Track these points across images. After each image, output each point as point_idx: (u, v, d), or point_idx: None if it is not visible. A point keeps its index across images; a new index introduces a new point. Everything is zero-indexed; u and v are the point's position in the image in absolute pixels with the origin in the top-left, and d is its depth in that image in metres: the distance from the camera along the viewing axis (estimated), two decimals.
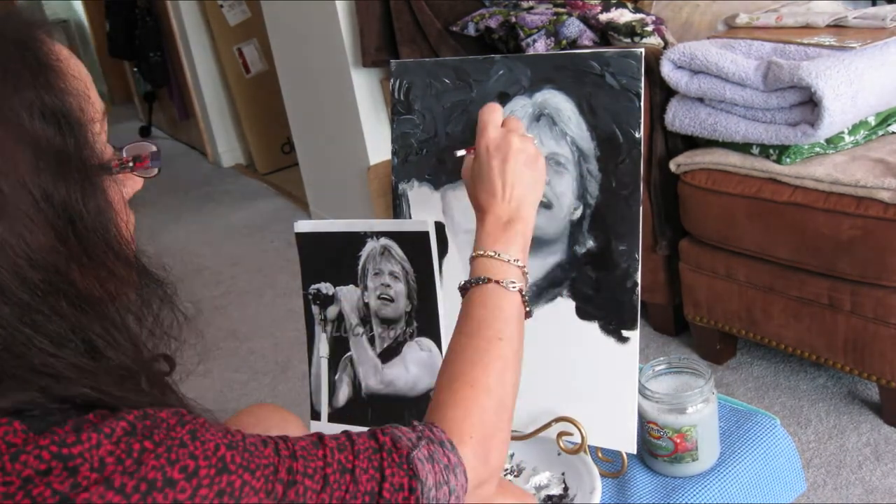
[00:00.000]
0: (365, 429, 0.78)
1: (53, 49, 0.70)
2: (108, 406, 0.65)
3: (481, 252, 0.94)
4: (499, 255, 0.93)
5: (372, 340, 1.24)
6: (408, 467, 0.73)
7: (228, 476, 0.65)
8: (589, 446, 1.14)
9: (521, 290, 0.92)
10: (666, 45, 2.10)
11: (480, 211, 0.98)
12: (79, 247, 0.68)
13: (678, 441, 1.14)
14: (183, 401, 0.76)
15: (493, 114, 1.00)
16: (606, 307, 1.13)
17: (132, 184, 0.79)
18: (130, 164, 0.76)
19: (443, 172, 1.23)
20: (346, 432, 0.76)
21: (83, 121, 0.69)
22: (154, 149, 0.78)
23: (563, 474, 1.18)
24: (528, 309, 0.93)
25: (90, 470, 0.60)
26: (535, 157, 0.98)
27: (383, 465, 0.73)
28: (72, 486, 0.59)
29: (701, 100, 1.88)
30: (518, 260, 0.93)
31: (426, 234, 1.16)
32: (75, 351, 0.66)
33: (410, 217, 1.26)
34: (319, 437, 0.74)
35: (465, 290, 0.94)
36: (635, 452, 1.15)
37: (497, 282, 0.91)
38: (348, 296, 1.24)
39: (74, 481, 0.59)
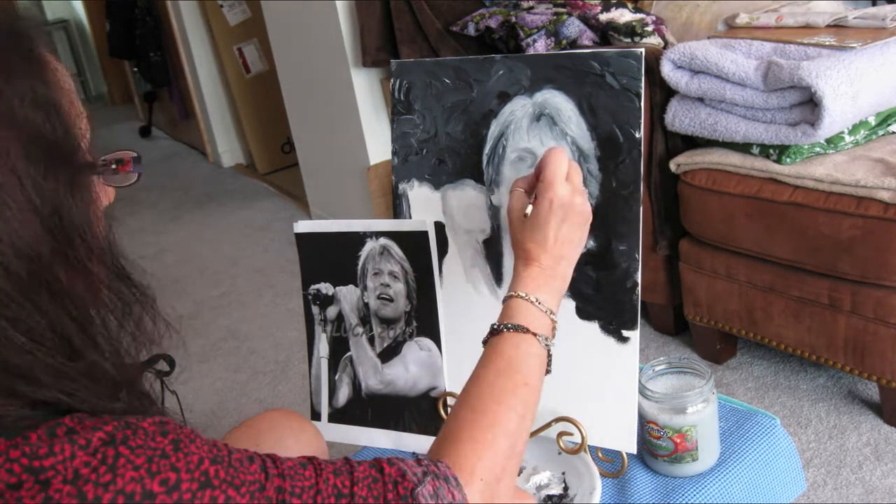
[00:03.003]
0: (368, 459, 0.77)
1: (43, 50, 0.70)
2: (83, 411, 0.62)
3: (522, 295, 0.94)
4: (539, 302, 0.93)
5: (372, 340, 1.24)
6: (412, 502, 0.71)
7: (212, 491, 0.62)
8: (589, 446, 1.14)
9: (548, 348, 0.92)
10: (666, 45, 2.10)
11: (526, 257, 0.97)
12: (65, 241, 0.66)
13: (678, 441, 1.13)
14: (166, 413, 0.73)
15: (561, 164, 0.98)
16: (606, 307, 1.13)
17: (105, 195, 0.77)
18: (113, 166, 0.75)
19: (443, 172, 1.23)
20: (345, 458, 0.74)
21: (72, 116, 0.69)
22: (135, 154, 0.77)
23: (563, 474, 1.18)
24: (549, 368, 0.93)
25: (63, 482, 0.57)
26: (587, 219, 0.99)
27: (387, 497, 0.71)
28: (44, 501, 0.57)
29: (701, 100, 1.88)
30: (554, 313, 0.94)
31: (425, 233, 1.16)
32: (52, 349, 0.64)
33: (410, 217, 1.26)
34: (310, 459, 0.72)
35: (497, 331, 0.92)
36: (635, 452, 1.15)
37: (534, 334, 0.91)
38: (348, 296, 1.24)
39: (46, 496, 0.57)
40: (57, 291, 0.65)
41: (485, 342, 0.93)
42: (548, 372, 0.93)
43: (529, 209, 0.98)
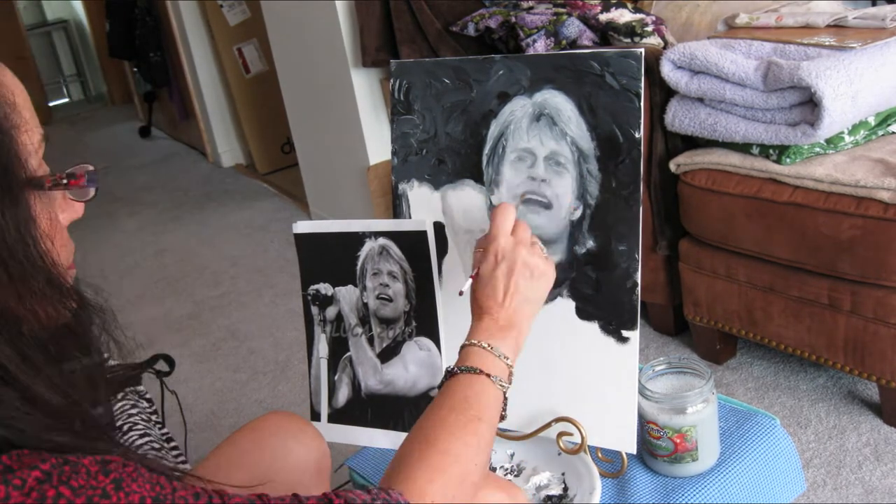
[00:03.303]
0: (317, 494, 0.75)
1: None
2: (24, 446, 0.59)
3: (475, 342, 0.96)
4: (492, 347, 0.95)
5: (371, 340, 1.24)
6: None
7: None
8: (589, 446, 1.14)
9: (504, 393, 0.93)
10: (666, 45, 2.10)
11: (479, 311, 1.00)
12: None
13: (678, 441, 1.13)
14: (118, 445, 0.69)
15: (505, 220, 1.02)
16: (606, 307, 1.13)
17: (71, 210, 0.75)
18: (65, 181, 0.72)
19: (443, 172, 1.23)
20: (295, 495, 0.72)
21: (6, 128, 0.66)
22: (91, 168, 0.74)
23: (563, 474, 1.18)
24: (504, 413, 0.94)
25: None
26: (541, 272, 1.00)
27: None
28: None
29: (701, 100, 1.88)
30: (508, 358, 0.95)
31: (424, 233, 1.16)
32: None
33: (410, 217, 1.26)
34: (259, 496, 0.70)
35: (451, 374, 0.94)
36: (635, 453, 1.15)
37: (487, 374, 0.92)
38: (347, 296, 1.24)
39: None
40: None
41: (439, 386, 0.94)
42: (503, 418, 0.94)
43: (468, 284, 1.02)
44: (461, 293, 1.02)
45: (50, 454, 0.58)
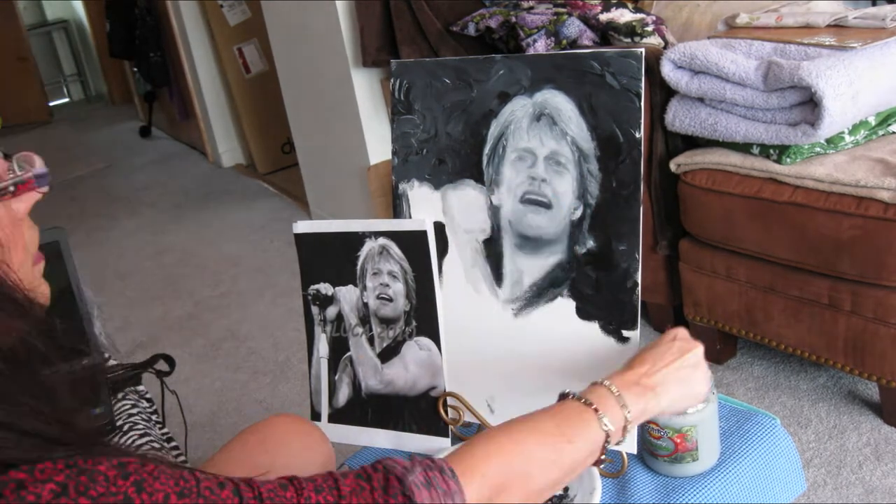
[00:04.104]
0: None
1: None
2: (21, 461, 0.56)
3: (606, 383, 0.92)
4: (619, 394, 0.90)
5: (371, 340, 1.24)
6: (402, 491, 0.69)
7: None
8: None
9: (608, 435, 0.87)
10: (666, 45, 2.10)
11: (629, 364, 0.97)
12: None
13: (678, 441, 1.13)
14: (116, 449, 0.66)
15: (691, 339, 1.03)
16: (606, 307, 1.13)
17: (28, 197, 0.72)
18: (11, 188, 0.69)
19: (443, 172, 1.23)
20: (330, 473, 0.71)
21: None
22: (42, 171, 0.71)
23: None
24: (602, 457, 0.89)
25: None
26: (694, 384, 0.99)
27: (375, 499, 0.68)
28: None
29: (701, 100, 1.88)
30: (630, 413, 0.90)
31: (424, 233, 1.16)
32: None
33: (411, 217, 1.26)
34: (290, 479, 0.69)
35: (564, 396, 0.91)
36: (635, 452, 1.14)
37: (596, 409, 0.87)
38: (347, 296, 1.24)
39: None
40: None
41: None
42: (599, 462, 0.89)
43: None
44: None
45: (63, 463, 0.56)
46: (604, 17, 2.14)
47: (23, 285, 0.67)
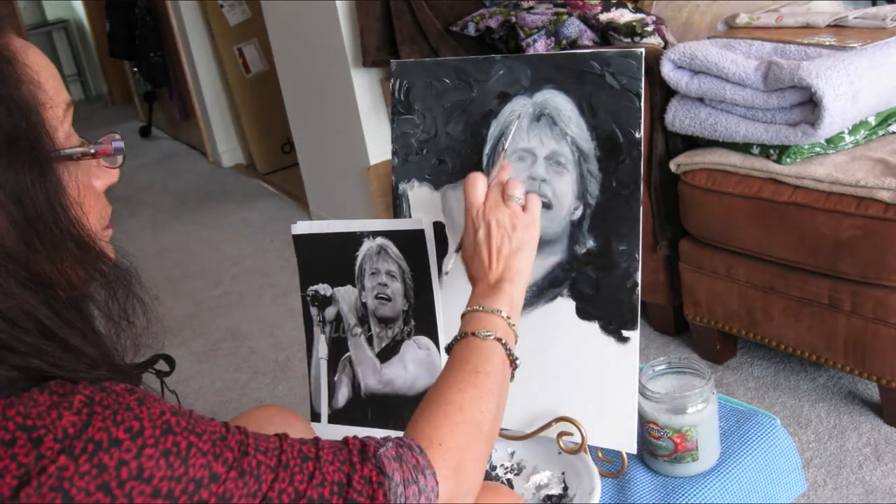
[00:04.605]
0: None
1: (4, 41, 0.72)
2: (66, 378, 0.67)
3: (468, 309, 0.99)
4: (483, 307, 0.98)
5: (370, 340, 1.23)
6: (375, 462, 0.76)
7: (174, 437, 0.67)
8: (589, 446, 1.14)
9: (499, 339, 0.95)
10: (666, 45, 2.10)
11: (473, 281, 1.04)
12: (29, 229, 0.69)
13: (678, 441, 1.13)
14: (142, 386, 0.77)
15: (474, 189, 1.05)
16: (607, 307, 1.13)
17: (106, 176, 0.81)
18: (92, 150, 0.77)
19: (443, 172, 1.23)
20: (316, 438, 0.79)
21: (33, 106, 0.71)
22: (118, 137, 0.81)
23: (563, 474, 1.17)
24: (511, 356, 0.96)
25: (53, 440, 0.63)
26: (520, 221, 1.03)
27: (352, 459, 0.75)
28: (36, 458, 0.62)
29: (701, 100, 1.88)
30: (502, 311, 0.98)
31: (421, 232, 1.16)
32: (26, 329, 0.68)
33: (411, 217, 1.26)
34: (279, 436, 0.76)
35: (449, 348, 0.97)
36: (635, 452, 1.14)
37: (473, 333, 0.95)
38: (346, 296, 1.24)
39: (39, 453, 0.62)
40: (25, 278, 0.69)
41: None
42: (513, 364, 0.96)
43: (457, 245, 1.07)
44: (446, 272, 1.05)
45: (90, 382, 0.67)
46: (604, 17, 2.14)
47: (96, 243, 0.76)
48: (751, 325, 1.93)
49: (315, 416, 1.28)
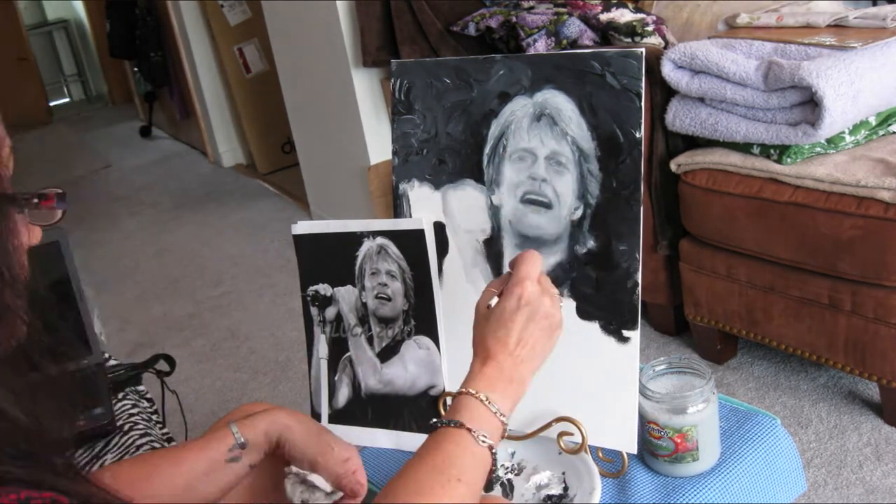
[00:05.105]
0: None
1: None
2: None
3: (472, 392, 0.89)
4: (489, 401, 0.89)
5: (370, 340, 1.23)
6: None
7: None
8: (589, 446, 1.14)
9: (491, 447, 0.87)
10: (666, 45, 2.10)
11: (484, 353, 0.93)
12: None
13: (679, 441, 1.13)
14: (73, 469, 0.65)
15: (534, 266, 0.96)
16: (607, 307, 1.13)
17: (31, 234, 0.72)
18: (35, 200, 0.71)
19: (443, 172, 1.23)
20: None
21: None
22: (60, 191, 0.73)
23: (563, 474, 1.17)
24: (494, 467, 0.88)
25: None
26: (556, 326, 0.96)
27: None
28: None
29: (701, 100, 1.88)
30: (504, 416, 0.89)
31: (422, 232, 1.16)
32: None
33: (411, 217, 1.26)
34: None
35: (435, 427, 0.88)
36: (636, 452, 1.14)
37: (469, 430, 0.86)
38: (346, 296, 1.24)
39: None
40: None
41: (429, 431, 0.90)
42: (493, 472, 0.88)
43: (495, 300, 0.96)
44: (489, 306, 0.96)
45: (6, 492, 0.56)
46: (604, 17, 2.14)
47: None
48: (751, 325, 1.93)
49: (315, 417, 1.28)
